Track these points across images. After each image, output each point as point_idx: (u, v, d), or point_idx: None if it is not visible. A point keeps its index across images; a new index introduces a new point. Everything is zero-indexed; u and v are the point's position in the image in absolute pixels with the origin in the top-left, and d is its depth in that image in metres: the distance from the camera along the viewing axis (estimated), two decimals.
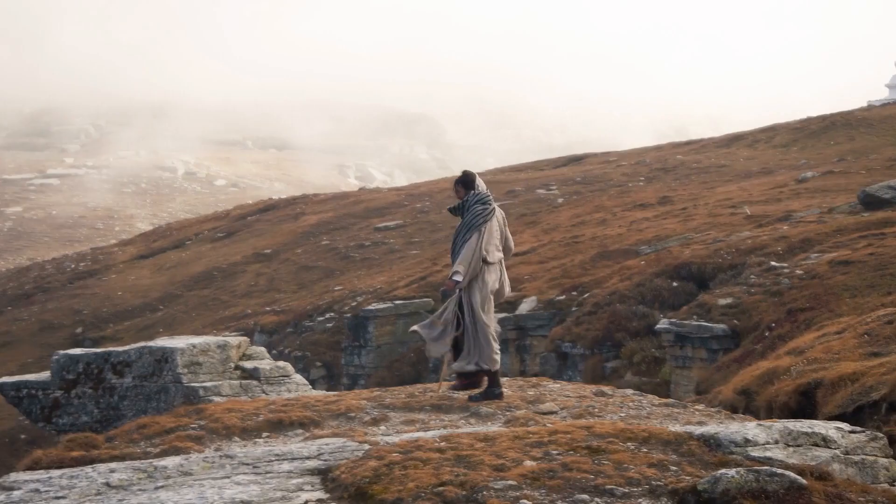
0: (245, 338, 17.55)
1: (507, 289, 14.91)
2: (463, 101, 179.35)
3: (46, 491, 10.44)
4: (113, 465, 11.28)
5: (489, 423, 12.54)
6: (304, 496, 9.70)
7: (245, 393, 15.98)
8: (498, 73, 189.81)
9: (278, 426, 12.90)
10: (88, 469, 11.13)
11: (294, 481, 10.15)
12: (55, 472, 11.21)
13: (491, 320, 14.41)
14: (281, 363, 16.92)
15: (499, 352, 14.36)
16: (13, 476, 11.22)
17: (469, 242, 14.28)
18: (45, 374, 17.13)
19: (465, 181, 14.78)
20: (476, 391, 14.29)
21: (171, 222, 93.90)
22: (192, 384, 15.74)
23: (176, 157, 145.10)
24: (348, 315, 46.69)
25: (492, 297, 14.53)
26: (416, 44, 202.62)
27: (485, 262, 14.39)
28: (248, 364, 16.62)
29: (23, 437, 46.73)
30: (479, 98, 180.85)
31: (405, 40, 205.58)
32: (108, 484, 10.44)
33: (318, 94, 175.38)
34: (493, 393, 14.19)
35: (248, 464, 10.85)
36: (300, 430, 12.74)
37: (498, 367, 14.32)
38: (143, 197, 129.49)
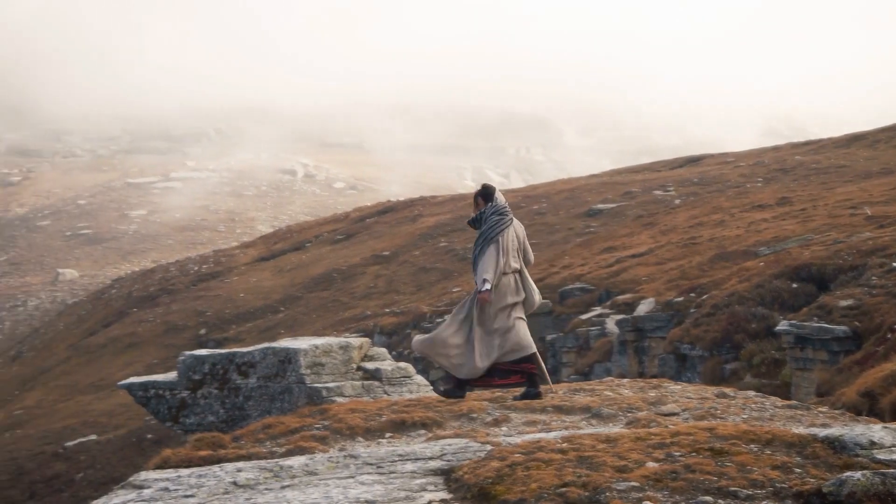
0: (366, 339, 17.66)
1: (537, 297, 15.09)
2: (577, 102, 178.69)
3: (175, 489, 10.61)
4: (240, 464, 11.45)
5: (611, 425, 12.54)
6: (428, 496, 9.76)
7: (367, 393, 16.08)
8: (607, 74, 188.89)
9: (401, 426, 12.99)
10: (216, 468, 11.30)
11: (417, 481, 10.23)
12: (184, 471, 11.40)
13: (486, 329, 14.61)
14: (402, 364, 17.01)
15: (474, 364, 14.52)
16: (143, 475, 11.43)
17: (489, 253, 14.50)
18: (171, 375, 17.38)
19: (485, 193, 14.95)
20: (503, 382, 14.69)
21: (291, 224, 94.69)
22: (316, 385, 15.89)
23: (295, 159, 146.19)
24: None
25: (509, 305, 14.70)
26: (526, 45, 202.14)
27: (502, 272, 14.62)
28: (369, 365, 16.73)
29: (149, 436, 47.40)
30: (592, 99, 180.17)
31: (514, 41, 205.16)
32: (235, 483, 10.59)
33: (432, 97, 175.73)
34: (454, 392, 14.57)
35: (371, 464, 10.94)
36: (422, 431, 12.82)
37: (464, 376, 14.52)
38: (263, 199, 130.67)
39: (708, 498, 8.99)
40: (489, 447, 11.05)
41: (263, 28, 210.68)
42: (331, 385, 15.97)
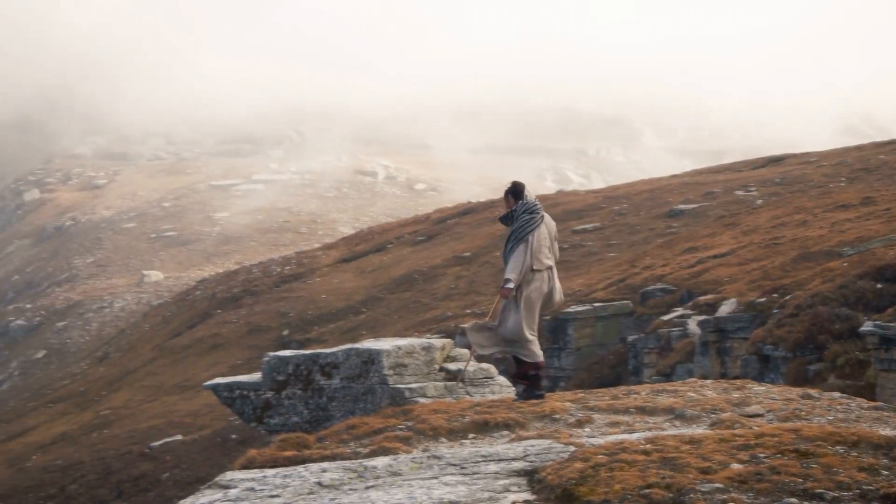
0: (448, 340, 17.72)
1: (559, 296, 15.36)
2: (657, 102, 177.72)
3: (261, 489, 10.72)
4: (324, 464, 11.54)
5: (694, 426, 12.51)
6: (511, 497, 9.80)
7: (449, 394, 16.12)
8: (686, 73, 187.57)
9: (484, 427, 13.03)
10: (301, 468, 11.41)
11: (501, 482, 10.27)
12: (269, 471, 11.52)
13: (531, 324, 15.01)
14: (484, 365, 17.04)
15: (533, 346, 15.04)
16: (229, 475, 11.55)
17: (518, 251, 14.81)
18: (256, 376, 17.51)
19: (515, 191, 15.36)
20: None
21: (372, 226, 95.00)
22: (398, 385, 15.96)
23: (376, 161, 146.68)
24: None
25: (538, 305, 15.07)
26: (606, 45, 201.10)
27: (531, 269, 14.87)
28: (451, 366, 16.77)
29: (233, 437, 47.75)
30: (671, 100, 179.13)
31: (593, 42, 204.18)
32: (320, 483, 10.68)
33: (510, 98, 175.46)
34: (534, 394, 14.90)
35: (455, 464, 10.99)
36: (505, 432, 12.86)
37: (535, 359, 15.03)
38: (344, 201, 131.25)
39: (793, 500, 8.96)
40: (572, 448, 11.07)
41: (336, 31, 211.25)
42: (413, 386, 16.03)
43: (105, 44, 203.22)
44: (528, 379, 15.14)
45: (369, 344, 17.06)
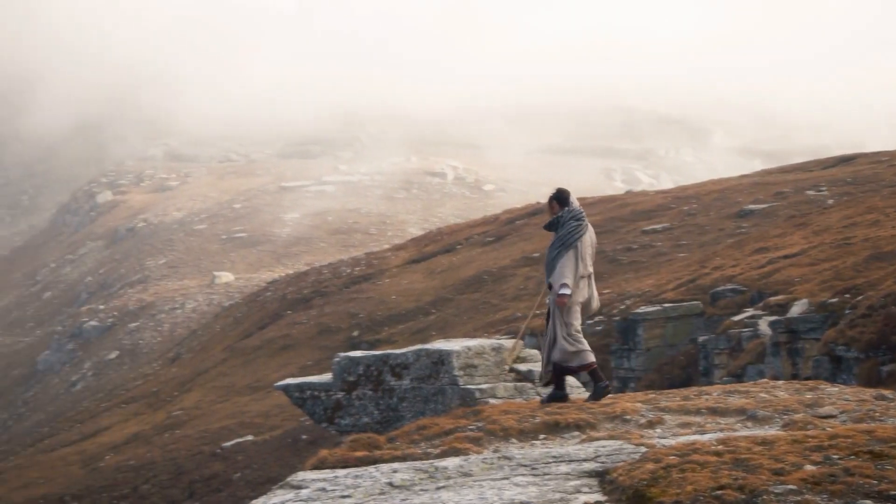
0: (520, 341, 17.72)
1: (597, 303, 15.57)
2: (727, 102, 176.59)
3: (333, 490, 10.78)
4: (395, 465, 11.59)
5: (766, 427, 12.45)
6: (583, 498, 9.80)
7: (519, 395, 16.14)
8: (754, 74, 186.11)
9: (554, 428, 13.04)
10: (372, 469, 11.46)
11: (572, 483, 10.27)
12: (340, 472, 11.57)
13: (573, 324, 15.03)
14: None
15: (582, 349, 15.02)
16: (301, 475, 11.63)
17: (567, 257, 14.93)
18: (326, 376, 17.59)
19: (560, 198, 15.50)
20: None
21: (441, 227, 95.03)
22: (469, 386, 15.99)
23: (445, 162, 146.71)
24: (617, 318, 46.59)
25: (579, 309, 15.18)
26: (674, 45, 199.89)
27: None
28: (522, 367, 16.79)
29: (304, 437, 47.96)
30: (740, 100, 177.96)
31: (658, 42, 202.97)
32: (391, 484, 10.73)
33: (579, 98, 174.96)
34: (558, 395, 14.99)
35: (526, 465, 11.01)
36: (576, 433, 12.85)
37: (584, 360, 15.01)
38: (413, 202, 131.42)
39: (868, 502, 8.90)
40: (643, 449, 11.05)
41: (397, 34, 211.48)
42: (483, 386, 16.06)
43: (168, 50, 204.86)
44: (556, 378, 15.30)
45: (439, 345, 17.10)
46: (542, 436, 12.83)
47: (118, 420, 66.03)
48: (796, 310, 38.33)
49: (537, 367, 16.78)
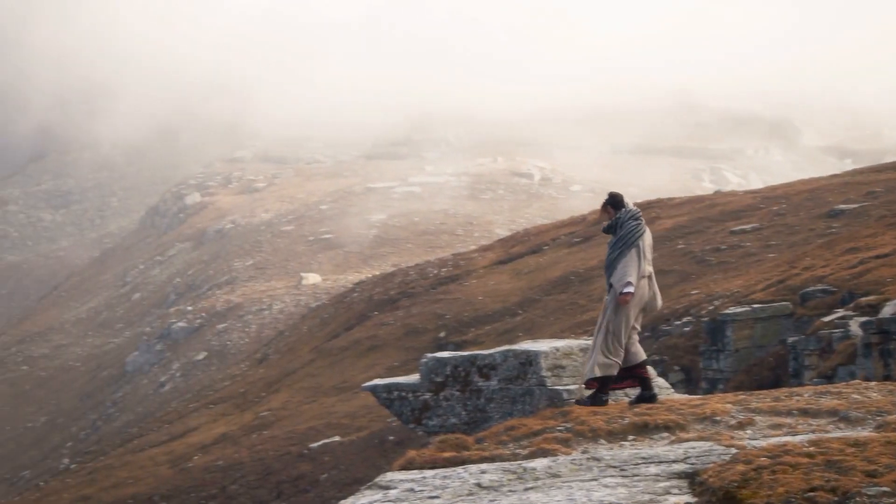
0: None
1: (659, 301, 15.68)
2: (816, 102, 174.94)
3: (421, 490, 10.78)
4: (483, 465, 11.57)
5: (859, 428, 12.30)
6: (672, 499, 9.74)
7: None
8: (844, 72, 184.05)
9: (643, 429, 12.97)
10: (460, 469, 11.45)
11: (661, 484, 10.21)
12: (428, 472, 11.57)
13: (622, 331, 15.01)
14: None
15: (614, 362, 14.94)
16: (389, 475, 11.64)
17: (630, 256, 15.07)
18: (413, 377, 17.60)
19: (614, 202, 15.70)
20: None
21: (528, 228, 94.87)
22: (556, 387, 15.93)
23: (532, 163, 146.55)
24: (706, 319, 46.29)
25: (636, 310, 15.21)
26: (759, 46, 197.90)
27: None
28: None
29: (391, 438, 48.06)
30: (830, 98, 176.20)
31: (746, 42, 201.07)
32: (479, 484, 10.71)
33: (666, 97, 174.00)
34: (599, 399, 14.87)
35: (614, 466, 10.96)
36: (665, 434, 12.77)
37: (607, 373, 14.93)
38: (500, 203, 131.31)
39: None
40: (734, 450, 10.97)
41: (481, 36, 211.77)
42: (572, 387, 16.00)
43: (250, 56, 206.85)
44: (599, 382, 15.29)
45: (527, 345, 17.07)
46: (630, 437, 12.77)
47: (206, 421, 66.54)
48: (888, 310, 37.86)
49: None
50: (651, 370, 16.85)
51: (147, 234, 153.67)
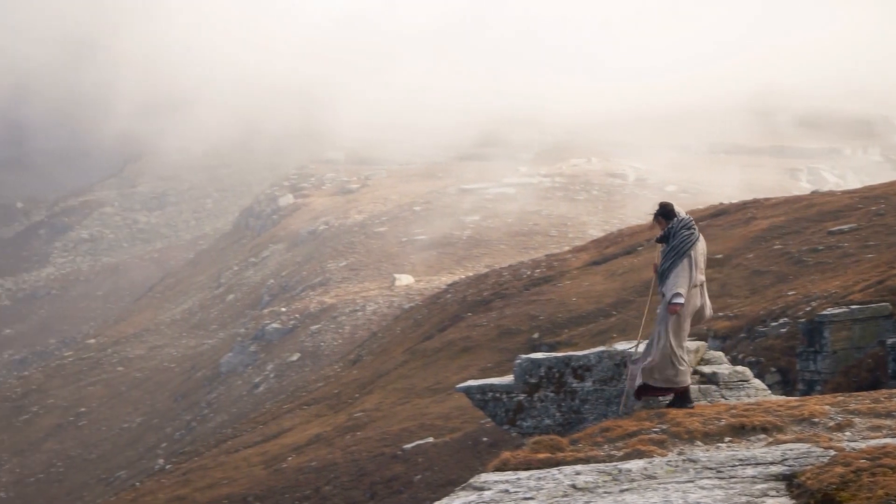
0: (703, 342, 17.55)
1: (709, 311, 15.56)
2: None
3: (515, 492, 10.75)
4: (578, 467, 11.51)
5: None
6: (770, 502, 9.63)
7: (704, 397, 15.98)
8: None
9: (740, 431, 12.85)
10: (554, 471, 11.40)
11: (758, 486, 10.10)
12: (523, 474, 11.53)
13: (681, 341, 14.98)
14: (739, 368, 16.82)
15: (684, 371, 14.90)
16: (483, 477, 11.61)
17: (682, 266, 15.07)
18: (507, 378, 17.59)
19: (665, 212, 15.79)
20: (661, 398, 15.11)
21: (622, 228, 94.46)
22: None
23: (627, 163, 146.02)
24: (803, 320, 45.81)
25: (689, 319, 15.23)
26: (854, 44, 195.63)
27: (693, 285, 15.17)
28: (706, 368, 16.63)
29: (484, 439, 48.04)
30: None
31: (840, 41, 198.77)
32: (573, 486, 10.66)
33: (758, 97, 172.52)
34: (684, 406, 14.80)
35: (711, 468, 10.86)
36: (762, 435, 12.65)
37: (683, 385, 14.92)
38: (594, 204, 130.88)
39: None
40: (832, 452, 10.83)
41: (568, 35, 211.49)
42: None
43: (335, 57, 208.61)
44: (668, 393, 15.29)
45: (622, 346, 17.02)
46: (727, 438, 12.66)
47: (300, 422, 66.89)
48: None
49: (721, 369, 16.60)
50: (746, 370, 16.73)
51: (241, 235, 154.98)
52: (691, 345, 16.82)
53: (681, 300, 14.94)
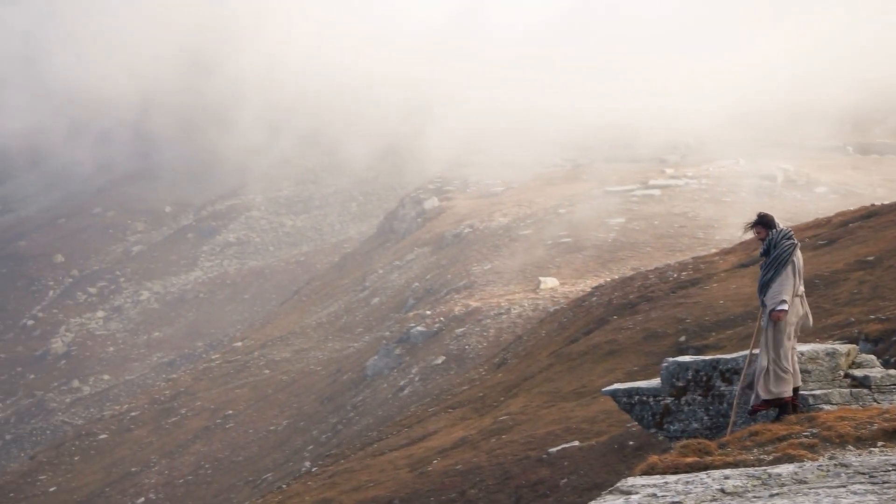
0: (853, 346, 17.23)
1: (811, 320, 15.96)
2: None
3: (663, 496, 10.61)
4: (727, 471, 11.34)
5: None
6: None
7: (855, 401, 15.68)
8: None
9: (893, 435, 12.55)
10: (703, 475, 11.24)
11: None
12: (670, 478, 11.38)
13: (786, 351, 15.07)
14: (892, 371, 16.51)
15: (788, 380, 15.00)
16: (630, 480, 11.48)
17: (785, 274, 15.48)
18: (654, 382, 17.44)
19: (765, 222, 16.26)
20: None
21: None
22: (802, 392, 15.60)
23: (776, 164, 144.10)
24: None
25: (794, 329, 15.42)
26: None
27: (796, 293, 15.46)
28: (857, 372, 16.32)
29: (630, 443, 47.70)
30: None
31: None
32: (722, 490, 10.50)
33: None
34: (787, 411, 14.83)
35: (864, 473, 10.62)
36: None
37: (784, 395, 14.93)
38: (742, 205, 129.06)
39: None
40: None
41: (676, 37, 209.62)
42: (817, 392, 15.65)
43: (451, 63, 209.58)
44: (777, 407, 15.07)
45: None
46: (880, 443, 12.37)
47: (445, 425, 67.03)
48: None
49: (874, 372, 16.27)
50: None
51: (385, 238, 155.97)
52: (842, 348, 16.54)
53: (785, 307, 14.96)
